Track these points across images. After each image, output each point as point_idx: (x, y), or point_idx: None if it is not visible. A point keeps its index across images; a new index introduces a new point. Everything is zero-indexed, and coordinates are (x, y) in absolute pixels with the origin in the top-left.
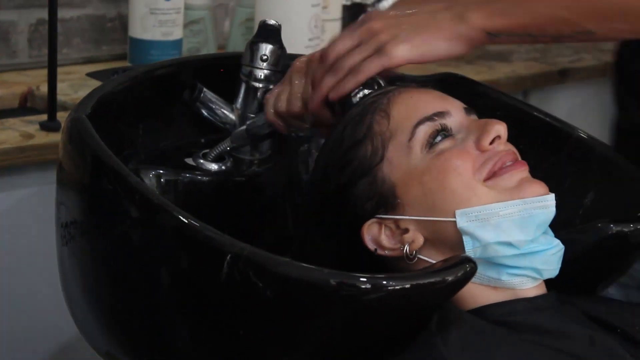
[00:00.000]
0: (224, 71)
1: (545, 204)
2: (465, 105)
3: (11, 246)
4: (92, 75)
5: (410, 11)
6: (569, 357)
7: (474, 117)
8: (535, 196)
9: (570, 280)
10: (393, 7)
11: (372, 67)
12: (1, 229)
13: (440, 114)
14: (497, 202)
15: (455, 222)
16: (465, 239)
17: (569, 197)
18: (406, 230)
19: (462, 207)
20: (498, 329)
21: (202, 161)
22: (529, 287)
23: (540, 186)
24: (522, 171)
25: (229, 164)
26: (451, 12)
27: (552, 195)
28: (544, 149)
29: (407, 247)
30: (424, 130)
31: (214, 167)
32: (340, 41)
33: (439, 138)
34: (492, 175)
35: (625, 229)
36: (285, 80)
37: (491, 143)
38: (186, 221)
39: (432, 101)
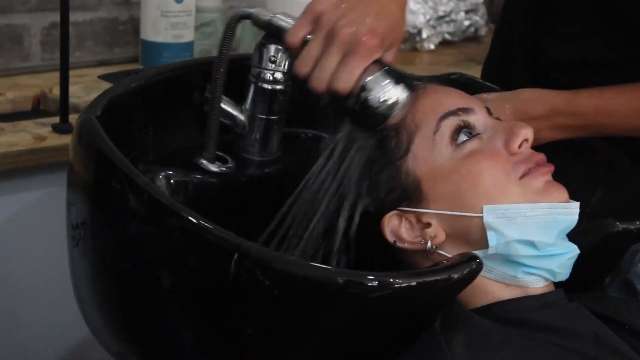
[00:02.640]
0: (234, 73)
1: (570, 210)
2: (486, 105)
3: (24, 247)
4: (104, 77)
5: None
6: (576, 355)
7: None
8: (562, 201)
9: (577, 277)
10: None
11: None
12: (14, 230)
13: (465, 110)
14: (525, 203)
15: (481, 217)
16: (490, 234)
17: (577, 196)
18: (428, 225)
19: (490, 204)
20: (503, 328)
21: (203, 161)
22: (540, 285)
23: (564, 191)
24: (548, 173)
25: (231, 166)
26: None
27: (577, 204)
28: (552, 149)
29: (429, 242)
30: (448, 125)
31: (214, 168)
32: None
33: (464, 137)
34: (522, 176)
35: (631, 227)
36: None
37: (519, 146)
38: (194, 221)
39: (457, 97)
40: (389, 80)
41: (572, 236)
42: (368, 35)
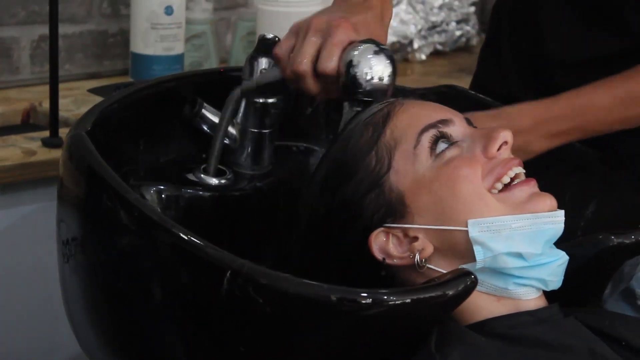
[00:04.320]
0: (225, 86)
1: (555, 219)
2: (465, 117)
3: (13, 263)
4: (94, 91)
5: None
6: None
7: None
8: (547, 211)
9: (572, 292)
10: None
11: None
12: (3, 246)
13: (444, 122)
14: (509, 215)
15: (466, 231)
16: (477, 248)
17: (570, 209)
18: (415, 239)
19: (473, 216)
20: (498, 345)
21: (202, 175)
22: (533, 297)
23: (550, 199)
24: (532, 186)
25: (229, 176)
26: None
27: (562, 212)
28: (544, 161)
29: (417, 256)
30: (428, 137)
31: (214, 181)
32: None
33: (443, 146)
34: (502, 184)
35: (626, 241)
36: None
37: (498, 149)
38: (186, 237)
39: (435, 109)
40: (372, 55)
41: (566, 249)
42: (340, 20)
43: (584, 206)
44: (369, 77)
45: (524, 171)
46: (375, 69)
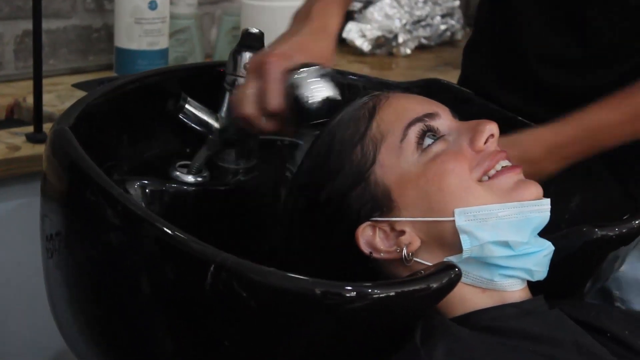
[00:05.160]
0: (210, 80)
1: (541, 207)
2: (451, 110)
3: None
4: (78, 86)
5: None
6: None
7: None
8: (533, 199)
9: (556, 284)
10: None
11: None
12: None
13: (430, 115)
14: (495, 203)
15: (453, 221)
16: (463, 237)
17: (555, 201)
18: (402, 232)
19: (460, 206)
20: (484, 337)
21: (178, 174)
22: (518, 289)
23: (535, 187)
24: (518, 174)
25: (206, 176)
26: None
27: (548, 200)
28: None
29: (405, 250)
30: (415, 131)
31: (190, 179)
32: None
33: (429, 140)
34: (488, 177)
35: (610, 233)
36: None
37: (485, 142)
38: (169, 232)
39: (421, 103)
40: (315, 79)
41: (550, 242)
42: (269, 55)
43: (569, 199)
44: (311, 101)
45: (510, 164)
46: (316, 92)
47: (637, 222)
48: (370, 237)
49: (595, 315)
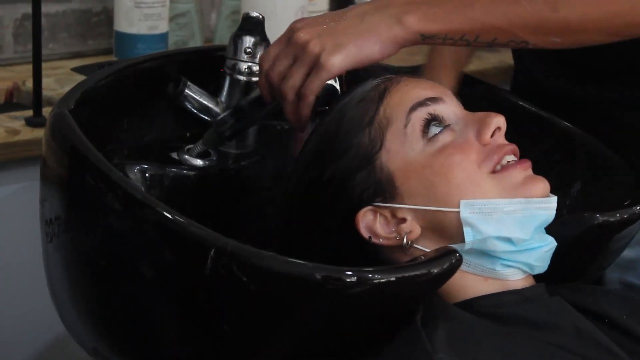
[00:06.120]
0: (209, 64)
1: (548, 205)
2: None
3: None
4: (77, 70)
5: (337, 16)
6: (556, 349)
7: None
8: (540, 196)
9: (558, 270)
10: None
11: (315, 86)
12: None
13: (433, 99)
14: (502, 198)
15: (457, 212)
16: (466, 230)
17: (556, 187)
18: (403, 220)
19: (466, 198)
20: (484, 323)
21: (186, 157)
22: (519, 278)
23: (544, 183)
24: (527, 169)
25: (214, 158)
26: (383, 14)
27: (555, 198)
28: (530, 140)
29: (405, 238)
30: (418, 117)
31: (199, 162)
32: (278, 60)
33: (435, 130)
34: (497, 170)
35: (612, 219)
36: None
37: (492, 135)
38: (170, 216)
39: (425, 87)
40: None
41: (552, 228)
42: (330, 54)
43: (570, 184)
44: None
45: (517, 159)
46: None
47: (638, 207)
48: (371, 222)
49: (594, 301)
